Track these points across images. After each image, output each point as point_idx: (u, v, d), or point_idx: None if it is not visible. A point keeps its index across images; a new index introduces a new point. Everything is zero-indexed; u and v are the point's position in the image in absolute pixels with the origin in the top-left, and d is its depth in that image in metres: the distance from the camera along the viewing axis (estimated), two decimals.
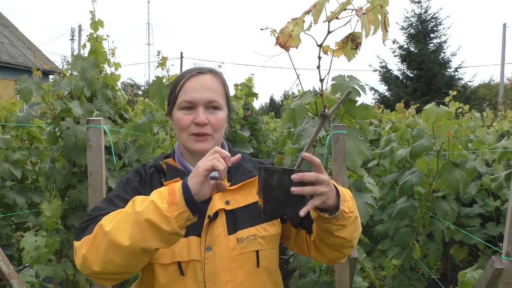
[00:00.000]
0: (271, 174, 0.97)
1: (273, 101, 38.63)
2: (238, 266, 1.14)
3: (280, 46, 1.00)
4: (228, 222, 1.16)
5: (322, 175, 1.00)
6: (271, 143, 6.46)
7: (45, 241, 2.38)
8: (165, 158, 1.28)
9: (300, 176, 0.96)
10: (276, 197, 0.98)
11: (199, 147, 1.19)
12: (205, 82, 1.20)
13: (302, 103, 2.12)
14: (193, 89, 1.19)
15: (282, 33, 1.00)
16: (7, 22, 19.90)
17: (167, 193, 0.97)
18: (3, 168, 2.95)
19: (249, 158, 1.34)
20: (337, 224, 1.07)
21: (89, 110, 2.58)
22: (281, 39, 1.00)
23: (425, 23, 19.57)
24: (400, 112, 4.60)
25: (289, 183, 0.96)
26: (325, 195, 1.00)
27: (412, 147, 2.81)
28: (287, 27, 1.00)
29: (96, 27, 2.74)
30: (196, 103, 1.19)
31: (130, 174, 1.25)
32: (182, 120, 1.19)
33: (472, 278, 2.31)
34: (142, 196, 1.01)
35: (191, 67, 1.27)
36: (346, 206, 1.07)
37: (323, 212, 1.05)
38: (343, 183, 1.96)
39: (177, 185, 0.98)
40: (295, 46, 1.00)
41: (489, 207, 3.25)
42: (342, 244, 1.14)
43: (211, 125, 1.19)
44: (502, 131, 4.52)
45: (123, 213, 0.99)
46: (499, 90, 22.04)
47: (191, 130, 1.19)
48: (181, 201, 0.95)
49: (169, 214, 0.94)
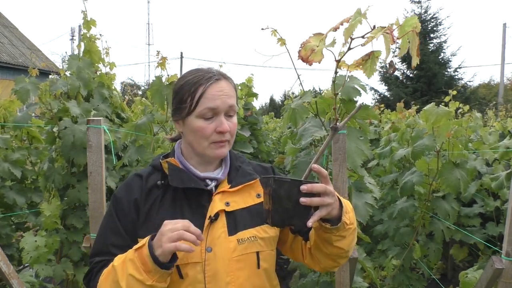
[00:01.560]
0: (281, 184, 1.00)
1: (273, 101, 38.60)
2: (238, 267, 1.14)
3: (302, 60, 1.01)
4: (228, 223, 1.16)
5: (329, 187, 1.03)
6: (271, 143, 6.45)
7: (44, 241, 2.38)
8: (165, 157, 1.27)
9: (310, 187, 0.99)
10: (285, 207, 1.00)
11: (219, 153, 1.19)
12: (224, 88, 1.18)
13: (303, 103, 2.11)
14: (215, 96, 1.15)
15: (304, 47, 1.01)
16: (7, 22, 19.89)
17: (140, 262, 1.02)
18: (3, 168, 2.95)
19: (248, 161, 1.34)
20: (337, 235, 1.10)
21: (86, 109, 2.57)
22: (303, 53, 1.01)
23: (425, 23, 19.57)
24: (400, 112, 4.60)
25: (297, 193, 0.99)
26: (331, 206, 1.04)
27: (414, 147, 2.80)
28: (309, 41, 1.01)
29: (88, 26, 2.73)
30: (219, 110, 1.16)
31: (119, 191, 1.23)
32: (205, 130, 1.16)
33: (473, 278, 2.31)
34: (119, 265, 1.05)
35: (201, 70, 1.21)
36: (347, 217, 1.10)
37: (325, 222, 1.08)
38: (343, 183, 1.96)
39: (146, 254, 1.02)
40: (318, 61, 1.02)
41: (489, 207, 3.24)
42: (339, 254, 1.17)
43: (230, 131, 1.19)
44: (503, 131, 4.52)
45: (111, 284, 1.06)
46: (499, 90, 22.03)
47: (213, 138, 1.17)
48: (154, 267, 1.01)
49: (149, 282, 1.02)
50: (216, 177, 1.23)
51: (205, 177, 1.22)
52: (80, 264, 2.62)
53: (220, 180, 1.23)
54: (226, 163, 1.27)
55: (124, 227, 1.18)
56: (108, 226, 1.20)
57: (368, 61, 0.98)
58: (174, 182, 1.18)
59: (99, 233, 1.23)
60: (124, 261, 1.05)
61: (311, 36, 1.02)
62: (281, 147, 3.82)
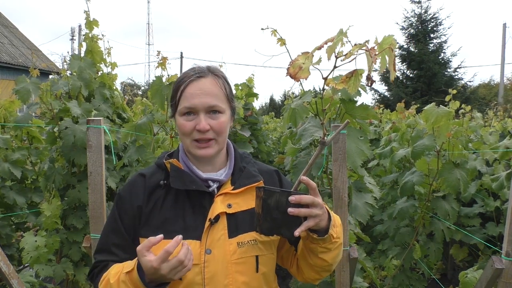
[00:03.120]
0: (270, 195, 1.05)
1: (273, 101, 38.58)
2: (237, 270, 1.14)
3: (291, 77, 1.12)
4: (229, 225, 1.16)
5: (317, 198, 1.06)
6: (271, 143, 6.45)
7: (45, 241, 2.38)
8: (169, 156, 1.26)
9: (298, 198, 1.03)
10: (274, 217, 1.05)
11: (202, 153, 1.18)
12: (204, 87, 1.17)
13: (303, 103, 2.12)
14: (193, 95, 1.16)
15: (293, 65, 1.11)
16: (7, 22, 19.88)
17: (133, 286, 1.05)
18: (3, 168, 2.95)
19: (254, 161, 1.32)
20: (323, 246, 1.13)
21: (87, 109, 2.57)
22: (291, 70, 1.11)
23: (425, 23, 19.56)
24: (400, 112, 4.60)
25: (286, 204, 1.04)
26: (319, 218, 1.06)
27: (414, 147, 2.80)
28: (298, 59, 1.11)
29: (91, 26, 2.73)
30: (197, 109, 1.16)
31: (123, 190, 1.25)
32: (184, 126, 1.17)
33: (473, 278, 2.31)
34: (115, 283, 1.08)
35: (191, 69, 1.23)
36: (334, 231, 1.13)
37: (312, 232, 1.11)
38: (343, 183, 1.96)
39: (137, 279, 1.04)
40: (305, 78, 1.12)
41: (489, 207, 3.24)
42: (322, 266, 1.19)
43: (213, 129, 1.17)
44: (503, 131, 4.52)
45: None
46: (499, 90, 22.03)
47: (194, 136, 1.17)
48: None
49: None
50: (219, 178, 1.22)
51: (207, 178, 1.21)
52: (80, 264, 2.62)
53: (223, 181, 1.22)
54: (231, 164, 1.26)
55: (125, 227, 1.19)
56: (111, 226, 1.23)
57: (352, 78, 1.07)
58: (175, 183, 1.18)
59: (102, 231, 1.27)
60: (118, 281, 1.08)
61: (299, 54, 1.12)
62: (281, 147, 3.82)
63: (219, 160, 1.25)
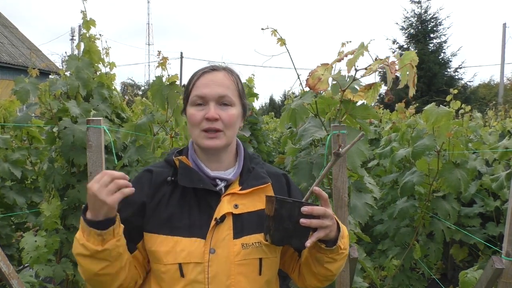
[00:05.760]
0: (283, 205, 1.05)
1: (273, 101, 38.62)
2: (240, 271, 1.12)
3: (310, 88, 1.11)
4: (235, 226, 1.15)
5: (328, 210, 1.07)
6: (271, 143, 6.45)
7: (44, 241, 2.38)
8: (179, 153, 1.26)
9: (310, 209, 1.05)
10: (285, 227, 1.06)
11: (210, 144, 1.17)
12: (216, 78, 1.19)
13: (303, 103, 2.11)
14: (205, 84, 1.18)
15: (312, 76, 1.11)
16: (7, 22, 19.88)
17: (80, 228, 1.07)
18: (3, 168, 2.95)
19: (262, 162, 1.31)
20: (330, 257, 1.14)
21: (86, 109, 2.57)
22: (311, 81, 1.11)
23: (425, 23, 19.58)
24: (401, 112, 4.60)
25: (298, 214, 1.05)
26: (329, 229, 1.08)
27: (414, 147, 2.80)
28: (317, 70, 1.10)
29: (88, 26, 2.73)
30: (207, 98, 1.17)
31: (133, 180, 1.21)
32: (194, 116, 1.18)
33: (473, 278, 2.31)
34: None
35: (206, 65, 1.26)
36: (342, 242, 1.14)
37: (321, 242, 1.11)
38: (343, 183, 1.96)
39: (82, 220, 1.06)
40: (324, 90, 1.11)
41: (489, 207, 3.25)
42: (326, 275, 1.19)
43: (222, 121, 1.17)
44: (503, 131, 4.52)
45: None
46: (499, 90, 22.03)
47: (203, 125, 1.17)
48: (86, 227, 1.04)
49: (82, 242, 1.05)
50: (227, 177, 1.21)
51: (215, 177, 1.21)
52: None
53: (230, 181, 1.21)
54: (240, 163, 1.25)
55: (126, 216, 1.15)
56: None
57: (370, 91, 1.08)
58: (183, 181, 1.17)
59: None
60: None
61: (318, 65, 1.15)
62: (281, 147, 3.82)
63: (228, 159, 1.24)
